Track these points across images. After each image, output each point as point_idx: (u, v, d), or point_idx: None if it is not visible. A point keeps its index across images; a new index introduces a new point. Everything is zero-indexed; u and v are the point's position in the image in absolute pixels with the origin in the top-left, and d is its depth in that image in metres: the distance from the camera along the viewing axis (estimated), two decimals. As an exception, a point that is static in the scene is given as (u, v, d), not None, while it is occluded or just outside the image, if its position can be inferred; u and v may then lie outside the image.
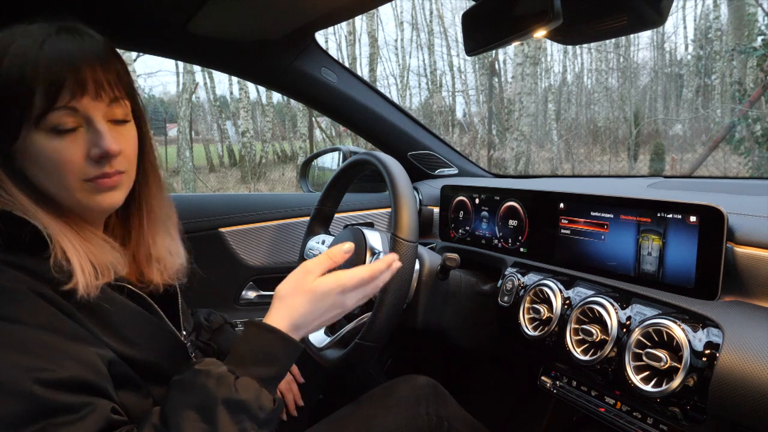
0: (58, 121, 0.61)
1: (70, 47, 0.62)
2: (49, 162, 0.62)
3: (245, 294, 1.44)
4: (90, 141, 0.63)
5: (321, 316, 0.71)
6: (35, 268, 0.59)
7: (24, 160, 0.62)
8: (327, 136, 12.25)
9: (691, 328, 0.69)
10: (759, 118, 5.78)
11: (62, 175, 0.62)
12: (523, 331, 0.93)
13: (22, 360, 0.54)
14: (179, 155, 9.99)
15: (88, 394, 0.56)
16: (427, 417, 0.90)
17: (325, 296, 0.70)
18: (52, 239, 0.60)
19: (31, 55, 0.59)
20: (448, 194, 1.29)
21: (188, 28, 1.09)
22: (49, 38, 0.60)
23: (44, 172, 0.62)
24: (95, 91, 0.62)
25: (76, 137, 0.62)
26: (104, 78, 0.63)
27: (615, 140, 11.00)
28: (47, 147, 0.61)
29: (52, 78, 0.59)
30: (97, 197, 0.66)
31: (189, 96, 10.11)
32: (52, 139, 0.61)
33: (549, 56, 12.99)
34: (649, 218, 0.81)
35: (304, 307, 0.69)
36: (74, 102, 0.61)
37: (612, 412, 0.82)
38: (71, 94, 0.61)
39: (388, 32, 43.74)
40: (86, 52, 0.62)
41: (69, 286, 0.59)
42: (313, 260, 0.73)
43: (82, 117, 0.62)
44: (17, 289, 0.57)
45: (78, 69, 0.61)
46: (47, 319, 0.57)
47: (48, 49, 0.60)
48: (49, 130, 0.61)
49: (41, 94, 0.59)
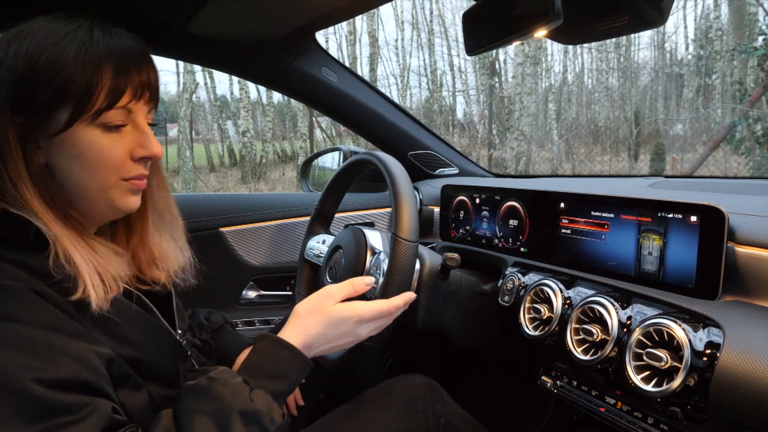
0: (113, 119, 0.62)
1: (134, 48, 0.64)
2: (93, 157, 0.63)
3: (246, 294, 1.44)
4: (135, 141, 0.65)
5: (333, 341, 0.73)
6: (34, 265, 0.59)
7: (61, 152, 0.62)
8: (327, 135, 12.25)
9: (691, 327, 0.69)
10: (759, 118, 5.77)
11: (103, 171, 0.64)
12: (523, 330, 0.93)
13: (22, 359, 0.53)
14: (179, 155, 9.99)
15: (87, 394, 0.56)
16: (424, 415, 0.91)
17: (340, 322, 0.73)
18: (50, 238, 0.60)
19: (100, 55, 0.60)
20: (449, 194, 1.29)
21: (188, 28, 1.09)
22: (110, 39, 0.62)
23: (84, 167, 0.63)
24: (150, 95, 0.65)
25: (123, 136, 0.64)
26: (156, 83, 0.66)
27: (615, 140, 11.00)
28: (95, 142, 0.62)
29: (120, 80, 0.61)
30: (129, 198, 0.68)
31: (189, 96, 10.12)
32: (101, 135, 0.62)
33: (549, 56, 12.99)
34: (650, 218, 0.81)
35: (318, 329, 0.71)
36: (132, 104, 0.63)
37: (612, 412, 0.82)
38: (131, 96, 0.63)
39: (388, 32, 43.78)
40: (145, 55, 0.65)
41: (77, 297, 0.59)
42: (335, 286, 0.77)
43: (131, 117, 0.65)
44: (16, 287, 0.57)
45: (141, 72, 0.63)
46: (46, 318, 0.57)
47: (115, 49, 0.61)
48: (99, 126, 0.62)
49: (106, 94, 0.61)
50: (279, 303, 1.48)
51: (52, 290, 0.58)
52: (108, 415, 0.56)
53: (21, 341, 0.54)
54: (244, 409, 0.60)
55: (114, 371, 0.62)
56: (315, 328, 0.71)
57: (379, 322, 0.78)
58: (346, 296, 0.76)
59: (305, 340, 0.70)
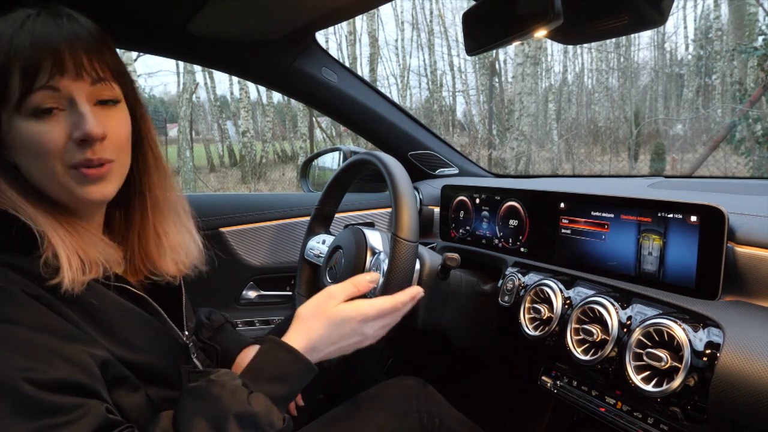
0: (39, 102, 0.59)
1: (48, 27, 0.59)
2: (32, 146, 0.60)
3: (246, 294, 1.44)
4: (72, 123, 0.61)
5: (338, 342, 0.72)
6: (28, 268, 0.59)
7: (11, 148, 0.61)
8: (327, 135, 12.25)
9: (691, 327, 0.69)
10: (759, 118, 5.77)
11: (45, 160, 0.60)
12: (523, 330, 0.93)
13: (14, 360, 0.53)
14: (180, 155, 9.99)
15: (79, 396, 0.56)
16: (418, 415, 0.91)
17: (344, 322, 0.71)
18: (42, 236, 0.59)
19: (6, 37, 0.58)
20: (449, 194, 1.29)
21: (188, 28, 1.09)
22: (28, 19, 0.59)
23: (30, 159, 0.61)
24: (75, 70, 0.60)
25: (58, 119, 0.60)
26: (85, 58, 0.61)
27: (615, 140, 11.00)
28: (29, 130, 0.59)
29: (29, 59, 0.57)
30: (85, 188, 0.63)
31: (189, 96, 10.12)
32: (34, 122, 0.59)
33: (549, 56, 12.99)
34: (650, 218, 0.81)
35: (322, 331, 0.70)
36: (53, 82, 0.59)
37: (612, 412, 0.82)
38: (49, 74, 0.58)
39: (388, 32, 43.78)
40: (66, 32, 0.60)
41: (55, 281, 0.58)
42: (337, 286, 0.75)
43: (64, 98, 0.60)
44: (10, 290, 0.56)
45: (56, 49, 0.59)
46: (40, 320, 0.57)
47: (26, 30, 0.58)
48: (30, 114, 0.59)
49: (19, 76, 0.58)
50: (279, 303, 1.48)
51: (45, 293, 0.58)
52: (102, 415, 0.56)
53: (15, 343, 0.54)
54: (241, 411, 0.59)
55: (109, 373, 0.61)
56: (318, 330, 0.70)
57: (384, 320, 0.76)
58: (349, 296, 0.74)
59: (308, 343, 0.69)
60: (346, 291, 0.74)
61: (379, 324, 0.75)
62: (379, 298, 0.75)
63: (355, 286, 0.75)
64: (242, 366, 0.98)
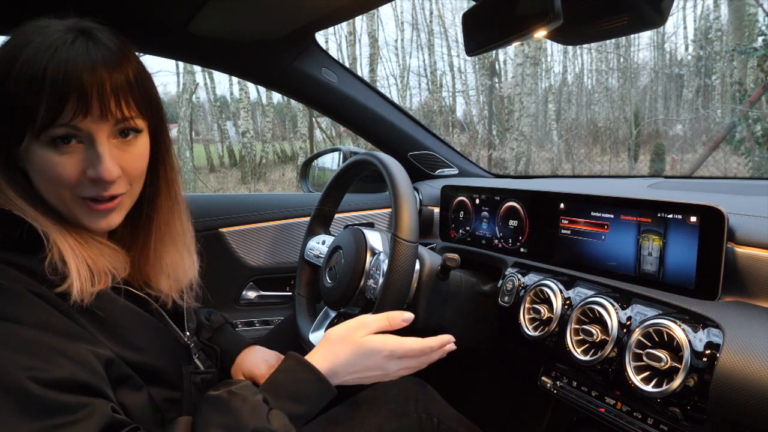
0: (58, 134, 0.59)
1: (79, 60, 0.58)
2: (46, 173, 0.61)
3: (245, 294, 1.44)
4: (87, 160, 0.61)
5: (360, 372, 0.72)
6: (33, 267, 0.59)
7: (27, 164, 0.62)
8: (327, 136, 12.25)
9: (691, 328, 0.69)
10: (759, 119, 5.78)
11: (57, 188, 0.62)
12: (523, 331, 0.93)
13: (19, 359, 0.53)
14: (179, 155, 9.99)
15: (84, 395, 0.56)
16: (417, 415, 0.91)
17: (371, 354, 0.71)
18: (48, 239, 0.60)
19: (40, 65, 0.57)
20: (449, 194, 1.29)
21: (189, 29, 1.09)
22: (62, 47, 0.58)
23: (42, 181, 0.62)
24: (100, 112, 0.60)
25: (75, 153, 0.61)
26: (113, 99, 0.60)
27: (615, 140, 11.00)
28: (45, 159, 0.60)
29: (57, 95, 0.57)
30: (92, 219, 0.65)
31: (189, 96, 10.12)
32: (51, 152, 0.60)
33: (549, 56, 12.98)
34: (650, 218, 0.81)
35: (347, 357, 0.70)
36: (75, 121, 0.59)
37: (612, 413, 0.82)
38: (73, 113, 0.58)
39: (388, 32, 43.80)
40: (97, 69, 0.59)
41: (63, 288, 0.59)
42: (371, 316, 0.75)
43: (85, 135, 0.61)
44: (15, 288, 0.57)
45: (83, 89, 0.58)
46: (45, 319, 0.57)
47: (57, 60, 0.58)
48: (47, 143, 0.59)
49: (45, 109, 0.58)
50: (279, 303, 1.48)
51: (50, 292, 0.59)
52: (108, 415, 0.56)
53: (20, 342, 0.54)
54: (260, 428, 0.59)
55: (113, 372, 0.62)
56: (343, 356, 0.70)
57: (410, 361, 0.75)
58: (380, 329, 0.74)
59: (331, 367, 0.69)
60: (378, 323, 0.74)
61: (405, 364, 0.75)
62: (411, 339, 0.74)
63: (388, 321, 0.76)
64: (241, 366, 0.99)
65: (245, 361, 0.99)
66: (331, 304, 1.04)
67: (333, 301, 1.02)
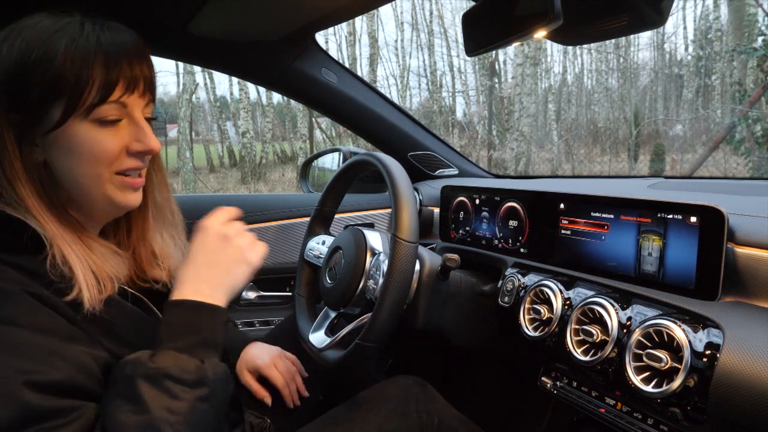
0: (107, 113, 0.63)
1: (124, 43, 0.63)
2: (88, 151, 0.63)
3: (246, 294, 1.44)
4: (132, 135, 0.65)
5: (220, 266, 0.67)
6: (31, 267, 0.59)
7: (58, 149, 0.63)
8: (327, 136, 12.25)
9: (691, 328, 0.69)
10: (759, 119, 5.78)
11: (96, 166, 0.64)
12: (523, 331, 0.93)
13: (14, 362, 0.53)
14: (179, 156, 10.00)
15: (78, 398, 0.56)
16: (417, 415, 0.91)
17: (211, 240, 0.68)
18: (48, 240, 0.60)
19: (90, 51, 0.60)
20: (449, 195, 1.29)
21: (188, 29, 1.09)
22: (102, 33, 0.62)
23: (80, 162, 0.63)
24: (143, 88, 0.65)
25: (119, 130, 0.64)
26: (151, 76, 0.66)
27: (615, 141, 11.00)
28: (90, 137, 0.62)
29: (110, 74, 0.61)
30: (126, 195, 0.68)
31: (189, 96, 10.12)
32: (96, 129, 0.63)
33: (549, 57, 12.99)
34: (650, 219, 0.81)
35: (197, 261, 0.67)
36: (124, 98, 0.63)
37: (612, 413, 0.82)
38: (124, 90, 0.63)
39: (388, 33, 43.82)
40: (137, 48, 0.65)
41: (71, 297, 0.59)
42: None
43: (126, 111, 0.65)
44: (13, 290, 0.56)
45: (132, 66, 0.63)
46: (42, 321, 0.57)
47: (105, 44, 0.61)
48: (94, 121, 0.62)
49: (97, 88, 0.61)
50: (279, 304, 1.48)
51: (49, 293, 0.58)
52: (94, 420, 0.56)
53: (17, 344, 0.54)
54: (146, 372, 0.57)
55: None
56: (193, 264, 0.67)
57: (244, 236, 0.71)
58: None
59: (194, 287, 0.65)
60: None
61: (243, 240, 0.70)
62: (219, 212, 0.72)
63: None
64: (245, 361, 0.99)
65: (248, 354, 1.00)
66: (331, 304, 1.04)
67: (333, 302, 1.02)
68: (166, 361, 0.58)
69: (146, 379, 0.57)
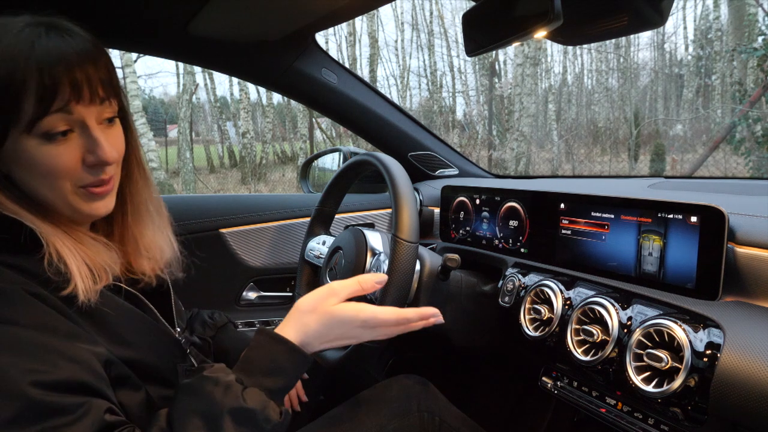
0: (51, 126, 0.58)
1: (63, 48, 0.58)
2: (42, 168, 0.60)
3: (246, 295, 1.44)
4: (85, 147, 0.61)
5: (332, 341, 0.69)
6: (29, 267, 0.59)
7: (11, 164, 0.60)
8: (327, 136, 12.25)
9: (692, 328, 0.69)
10: (759, 119, 5.77)
11: (56, 181, 0.61)
12: (523, 331, 0.93)
13: (18, 362, 0.53)
14: (179, 156, 10.00)
15: (83, 395, 0.56)
16: (419, 414, 0.91)
17: (342, 324, 0.68)
18: (45, 238, 0.60)
19: (21, 57, 0.56)
20: (449, 195, 1.29)
21: (188, 29, 1.09)
22: (38, 39, 0.57)
23: (36, 178, 0.61)
24: (90, 94, 0.60)
25: (70, 142, 0.61)
26: (97, 79, 0.61)
27: (615, 141, 11.00)
28: (40, 153, 0.59)
29: (47, 82, 0.56)
30: (92, 205, 0.65)
31: (189, 97, 10.12)
32: (45, 145, 0.59)
33: (549, 57, 13.00)
34: (650, 218, 0.81)
35: (317, 327, 0.68)
36: (69, 107, 0.59)
37: (613, 413, 0.82)
38: (66, 99, 0.58)
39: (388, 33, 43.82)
40: (79, 53, 0.59)
41: (68, 291, 0.59)
42: (341, 283, 0.71)
43: (76, 121, 0.60)
44: (11, 290, 0.56)
45: (72, 72, 0.58)
46: (42, 320, 0.57)
47: (39, 50, 0.57)
48: (40, 136, 0.58)
49: (34, 99, 0.57)
50: (279, 304, 1.48)
51: (47, 291, 0.58)
52: (102, 415, 0.56)
53: (18, 344, 0.54)
54: (236, 407, 0.58)
55: (113, 372, 0.62)
56: (313, 327, 0.67)
57: (384, 330, 0.70)
58: (351, 295, 0.70)
59: (303, 338, 0.67)
60: (348, 289, 0.70)
61: (378, 333, 0.70)
62: (384, 308, 0.70)
63: (360, 285, 0.71)
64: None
65: None
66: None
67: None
68: (255, 401, 0.60)
69: (232, 414, 0.58)
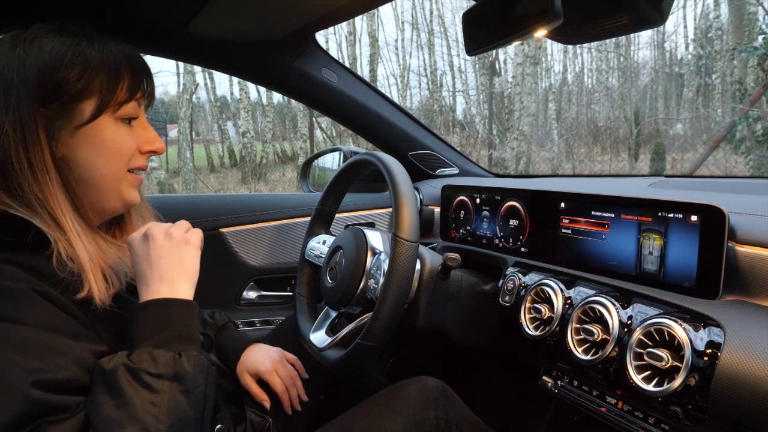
0: (130, 111, 0.69)
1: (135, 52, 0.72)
2: (112, 146, 0.68)
3: (246, 294, 1.44)
4: (143, 137, 0.72)
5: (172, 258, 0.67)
6: (37, 266, 0.59)
7: (83, 143, 0.66)
8: (327, 136, 12.25)
9: (692, 327, 0.69)
10: (759, 118, 5.77)
11: (118, 161, 0.69)
12: (524, 330, 0.93)
13: (22, 361, 0.54)
14: (180, 156, 9.99)
15: (84, 395, 0.57)
16: (436, 421, 0.88)
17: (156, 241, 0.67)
18: (52, 238, 0.61)
19: (119, 52, 0.68)
20: (449, 194, 1.29)
21: (189, 29, 1.09)
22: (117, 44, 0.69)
23: (103, 157, 0.68)
24: (151, 92, 0.74)
25: (133, 130, 0.71)
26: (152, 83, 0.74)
27: (616, 140, 10.99)
28: (115, 132, 0.68)
29: (138, 69, 0.69)
30: (132, 191, 0.73)
31: (189, 97, 10.12)
32: (120, 127, 0.69)
33: (549, 56, 13.00)
34: (650, 218, 0.81)
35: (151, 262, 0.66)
36: (140, 98, 0.70)
37: (613, 412, 0.82)
38: (144, 89, 0.71)
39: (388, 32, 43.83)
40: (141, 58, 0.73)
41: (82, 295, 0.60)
42: None
43: (139, 111, 0.71)
44: (18, 289, 0.57)
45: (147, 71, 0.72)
46: (49, 319, 0.57)
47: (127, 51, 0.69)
48: (119, 118, 0.69)
49: (127, 87, 0.68)
50: (279, 304, 1.48)
51: (54, 290, 0.59)
52: None
53: (22, 343, 0.55)
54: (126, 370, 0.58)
55: None
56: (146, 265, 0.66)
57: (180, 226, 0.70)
58: None
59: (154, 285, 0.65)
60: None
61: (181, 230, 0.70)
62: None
63: None
64: (246, 364, 0.99)
65: (249, 358, 1.00)
66: (332, 304, 1.04)
67: (334, 301, 1.02)
68: (143, 357, 0.59)
69: (126, 375, 0.58)
